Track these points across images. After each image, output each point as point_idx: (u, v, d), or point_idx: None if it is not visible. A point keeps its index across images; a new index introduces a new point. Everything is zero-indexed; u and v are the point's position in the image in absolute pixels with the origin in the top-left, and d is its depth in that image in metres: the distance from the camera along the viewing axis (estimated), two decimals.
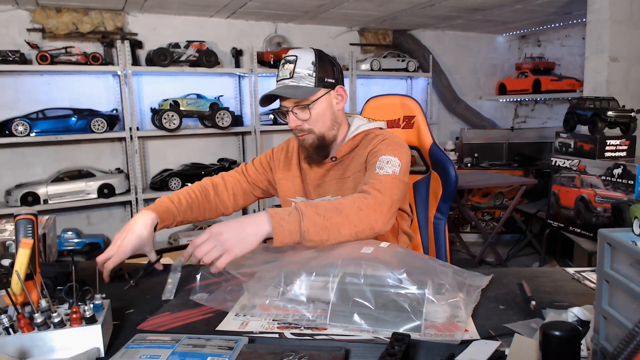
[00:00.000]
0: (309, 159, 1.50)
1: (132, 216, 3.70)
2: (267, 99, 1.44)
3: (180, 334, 0.97)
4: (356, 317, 1.00)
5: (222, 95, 4.02)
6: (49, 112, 3.42)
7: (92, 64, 3.46)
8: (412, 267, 1.05)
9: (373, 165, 1.35)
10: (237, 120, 4.09)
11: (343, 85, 1.49)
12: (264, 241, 1.16)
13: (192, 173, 3.87)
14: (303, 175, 1.56)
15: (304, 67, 1.40)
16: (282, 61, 1.44)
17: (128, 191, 3.71)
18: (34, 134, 3.33)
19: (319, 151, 1.46)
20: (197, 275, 1.18)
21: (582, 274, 1.31)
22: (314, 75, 1.40)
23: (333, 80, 1.44)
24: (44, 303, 0.91)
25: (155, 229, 1.37)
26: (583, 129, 3.01)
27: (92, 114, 3.54)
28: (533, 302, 1.08)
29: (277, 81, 1.43)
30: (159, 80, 3.91)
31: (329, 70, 1.43)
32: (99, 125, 3.50)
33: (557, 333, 0.69)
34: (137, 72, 3.70)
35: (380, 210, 1.22)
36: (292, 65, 1.41)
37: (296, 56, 1.41)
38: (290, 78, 1.40)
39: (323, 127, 1.45)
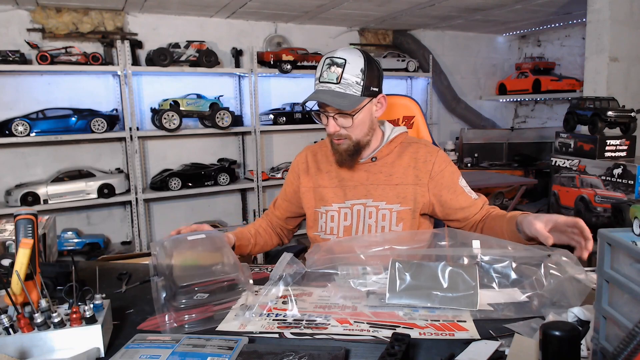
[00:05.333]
0: (340, 163, 1.48)
1: (132, 216, 3.72)
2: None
3: (180, 334, 0.97)
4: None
5: (222, 95, 4.02)
6: (49, 112, 3.41)
7: (92, 64, 3.46)
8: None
9: (463, 193, 1.46)
10: (237, 120, 4.09)
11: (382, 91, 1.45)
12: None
13: (192, 173, 3.87)
14: (326, 181, 1.54)
15: (353, 74, 1.33)
16: (327, 60, 1.35)
17: (128, 191, 3.71)
18: (34, 134, 3.33)
19: (352, 156, 1.45)
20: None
21: None
22: (362, 83, 1.34)
23: (377, 89, 1.40)
24: (44, 303, 0.91)
25: (234, 247, 1.47)
26: (583, 129, 3.00)
27: (92, 114, 3.54)
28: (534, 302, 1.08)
29: (320, 82, 1.35)
30: (159, 80, 3.91)
31: (374, 78, 1.38)
32: (99, 125, 3.49)
33: (557, 333, 0.69)
34: (137, 72, 3.70)
35: None
36: (340, 70, 1.33)
37: (345, 59, 1.33)
38: (337, 84, 1.33)
39: (360, 134, 1.43)
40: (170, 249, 1.17)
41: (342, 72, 1.33)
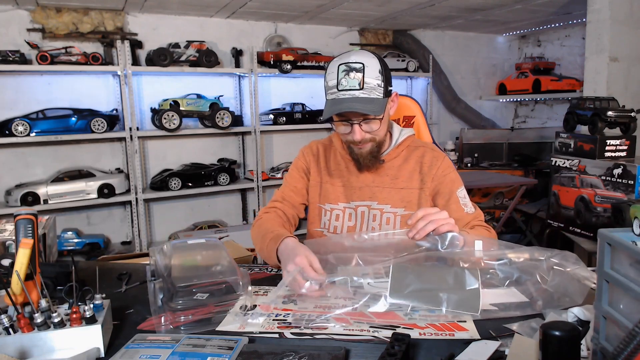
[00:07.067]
0: (362, 167, 1.46)
1: (132, 216, 3.72)
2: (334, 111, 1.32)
3: (180, 334, 0.97)
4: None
5: (222, 95, 4.02)
6: (49, 112, 3.41)
7: (92, 64, 3.46)
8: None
9: (457, 203, 1.42)
10: (237, 120, 4.09)
11: None
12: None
13: (192, 173, 3.87)
14: (333, 179, 1.52)
15: (373, 77, 1.31)
16: (343, 67, 1.30)
17: (128, 191, 3.71)
18: (34, 134, 3.33)
19: (375, 157, 1.44)
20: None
21: None
22: (382, 85, 1.33)
23: (392, 87, 1.40)
24: (44, 303, 0.91)
25: None
26: (583, 129, 3.00)
27: (92, 114, 3.53)
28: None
29: (339, 90, 1.31)
30: (159, 80, 3.91)
31: (389, 77, 1.37)
32: (99, 125, 3.49)
33: (557, 333, 0.69)
34: (137, 72, 3.70)
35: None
36: (360, 75, 1.29)
37: (362, 63, 1.30)
38: (361, 89, 1.29)
39: (382, 135, 1.42)
40: (169, 252, 1.17)
41: (363, 76, 1.30)
